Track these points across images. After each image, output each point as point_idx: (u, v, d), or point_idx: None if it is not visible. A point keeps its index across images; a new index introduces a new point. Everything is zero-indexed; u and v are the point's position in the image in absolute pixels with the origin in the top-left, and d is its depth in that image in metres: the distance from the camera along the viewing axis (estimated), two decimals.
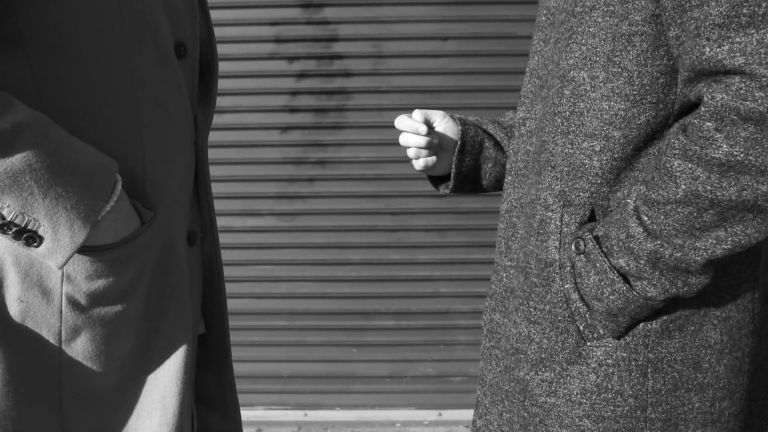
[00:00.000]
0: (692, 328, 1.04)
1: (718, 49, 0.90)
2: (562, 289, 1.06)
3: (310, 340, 3.13)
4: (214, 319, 1.32)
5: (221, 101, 2.97)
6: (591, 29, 1.03)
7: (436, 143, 1.30)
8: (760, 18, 0.88)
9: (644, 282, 1.01)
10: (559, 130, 1.06)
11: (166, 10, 1.14)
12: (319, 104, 3.01)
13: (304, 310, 3.10)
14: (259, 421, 3.16)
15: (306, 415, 3.16)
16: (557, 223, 1.07)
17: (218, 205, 3.00)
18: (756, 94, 0.88)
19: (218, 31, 2.99)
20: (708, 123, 0.92)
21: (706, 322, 1.04)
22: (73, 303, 1.10)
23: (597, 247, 1.03)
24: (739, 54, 0.89)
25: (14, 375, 1.10)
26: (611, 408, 1.05)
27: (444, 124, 1.31)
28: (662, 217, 0.97)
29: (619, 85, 1.01)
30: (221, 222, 3.03)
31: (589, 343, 1.05)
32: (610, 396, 1.05)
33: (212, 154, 2.99)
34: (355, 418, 3.15)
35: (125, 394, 1.18)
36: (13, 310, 1.09)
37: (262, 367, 3.14)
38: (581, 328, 1.05)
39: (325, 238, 3.06)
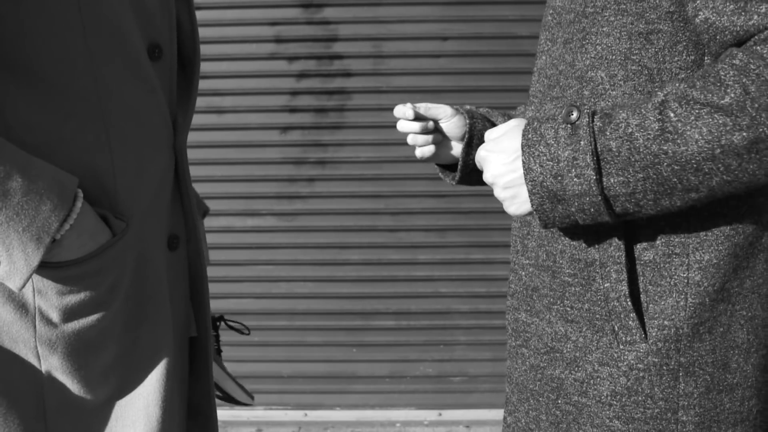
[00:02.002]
0: (721, 329, 1.04)
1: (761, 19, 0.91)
2: (602, 287, 1.06)
3: (310, 340, 3.13)
4: (199, 324, 1.30)
5: (221, 101, 2.97)
6: (605, 29, 1.04)
7: (431, 127, 1.30)
8: None
9: (620, 179, 0.96)
10: None
11: (135, 13, 1.11)
12: (319, 104, 3.01)
13: (304, 310, 3.10)
14: (259, 421, 3.16)
15: (306, 415, 3.16)
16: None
17: (218, 205, 3.01)
18: None
19: (218, 31, 3.00)
20: None
21: (734, 322, 1.04)
22: (47, 319, 1.09)
23: (590, 123, 0.97)
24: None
25: None
26: (641, 410, 1.05)
27: (451, 118, 1.31)
28: (692, 117, 0.91)
29: (641, 83, 1.02)
30: (221, 222, 3.03)
31: (621, 346, 1.05)
32: (640, 399, 1.05)
33: (212, 154, 3.00)
34: (355, 418, 3.15)
35: (110, 404, 1.17)
36: None
37: (262, 367, 3.14)
38: (616, 327, 1.05)
39: (325, 238, 3.06)
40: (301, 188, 3.04)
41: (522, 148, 1.01)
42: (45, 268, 1.06)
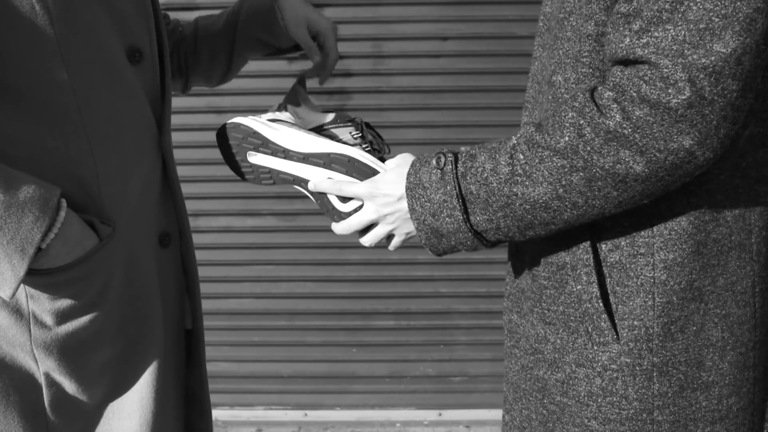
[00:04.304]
0: (694, 328, 1.05)
1: (636, 41, 0.93)
2: (575, 290, 1.07)
3: (310, 340, 3.13)
4: (193, 316, 1.35)
5: (221, 101, 2.97)
6: (567, 33, 1.05)
7: None
8: (680, 15, 0.90)
9: (484, 218, 1.05)
10: None
11: (111, 19, 1.13)
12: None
13: (304, 310, 3.10)
14: (259, 421, 3.16)
15: (306, 415, 3.16)
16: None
17: (218, 205, 3.01)
18: (657, 83, 0.91)
19: None
20: (610, 92, 0.95)
21: (707, 320, 1.05)
22: (41, 322, 1.12)
23: (454, 169, 1.06)
24: (652, 46, 0.92)
25: None
26: (617, 411, 1.06)
27: None
28: (537, 160, 0.99)
29: (591, 85, 1.02)
30: (221, 222, 3.03)
31: (595, 347, 1.06)
32: (615, 399, 1.06)
33: (213, 154, 2.99)
34: (355, 418, 3.15)
35: (107, 399, 1.22)
36: None
37: (262, 367, 3.14)
38: (589, 329, 1.06)
39: (325, 238, 3.06)
40: None
41: (406, 191, 1.11)
42: (35, 276, 1.09)
